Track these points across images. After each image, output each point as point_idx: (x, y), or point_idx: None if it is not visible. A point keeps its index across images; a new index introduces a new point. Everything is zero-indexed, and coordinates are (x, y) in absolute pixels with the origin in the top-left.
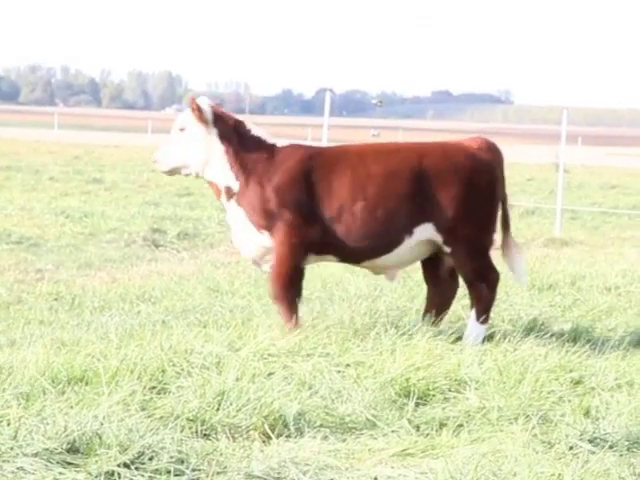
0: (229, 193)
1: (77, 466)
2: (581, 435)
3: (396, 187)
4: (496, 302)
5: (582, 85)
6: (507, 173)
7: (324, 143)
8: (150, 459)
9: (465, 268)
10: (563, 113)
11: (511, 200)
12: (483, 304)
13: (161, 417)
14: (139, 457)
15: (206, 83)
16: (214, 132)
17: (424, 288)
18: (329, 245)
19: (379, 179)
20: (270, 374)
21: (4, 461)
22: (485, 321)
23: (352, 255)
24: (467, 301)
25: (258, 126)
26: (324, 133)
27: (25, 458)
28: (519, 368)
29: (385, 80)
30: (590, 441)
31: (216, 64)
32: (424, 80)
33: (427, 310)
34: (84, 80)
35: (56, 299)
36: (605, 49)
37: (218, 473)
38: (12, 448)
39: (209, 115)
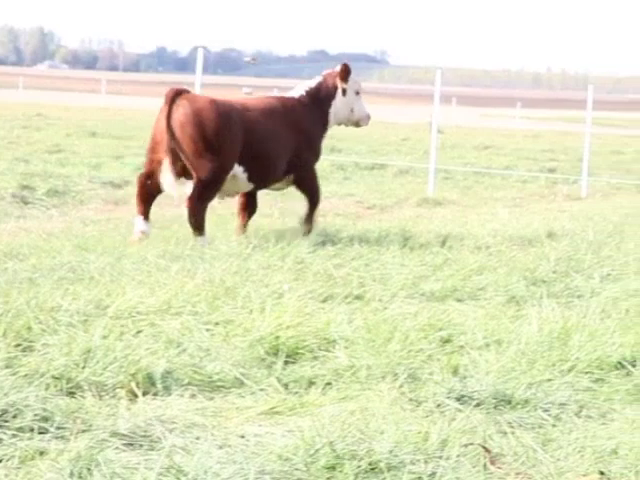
0: None
1: None
2: (449, 393)
3: None
4: (367, 261)
5: (457, 46)
6: (383, 133)
7: None
8: (14, 417)
9: None
10: (437, 73)
11: (385, 160)
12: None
13: (26, 375)
14: (2, 415)
15: (79, 39)
16: None
17: (296, 247)
18: None
19: None
20: (138, 332)
21: None
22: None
23: None
24: None
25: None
26: (197, 91)
27: None
28: (388, 327)
29: (261, 39)
30: (457, 399)
31: (89, 20)
32: (300, 39)
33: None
34: None
35: None
36: (478, 9)
37: (83, 431)
38: None
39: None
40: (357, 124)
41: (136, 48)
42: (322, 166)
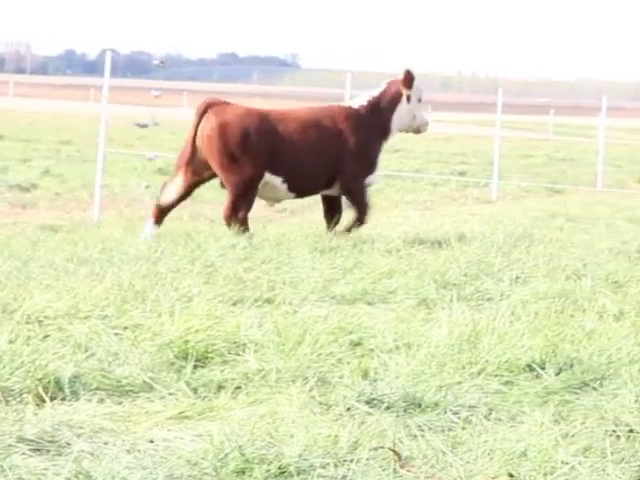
0: None
1: None
2: (358, 397)
3: None
4: (277, 264)
5: (367, 49)
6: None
7: (104, 105)
8: None
9: None
10: (347, 77)
11: None
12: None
13: None
14: None
15: None
16: None
17: (206, 251)
18: None
19: None
20: (45, 336)
21: None
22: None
23: None
24: None
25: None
26: (104, 94)
27: None
28: (298, 330)
29: (171, 42)
30: (367, 402)
31: None
32: (210, 42)
33: None
34: None
35: None
36: (387, 11)
37: None
38: None
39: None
40: (418, 131)
41: (44, 50)
42: None
